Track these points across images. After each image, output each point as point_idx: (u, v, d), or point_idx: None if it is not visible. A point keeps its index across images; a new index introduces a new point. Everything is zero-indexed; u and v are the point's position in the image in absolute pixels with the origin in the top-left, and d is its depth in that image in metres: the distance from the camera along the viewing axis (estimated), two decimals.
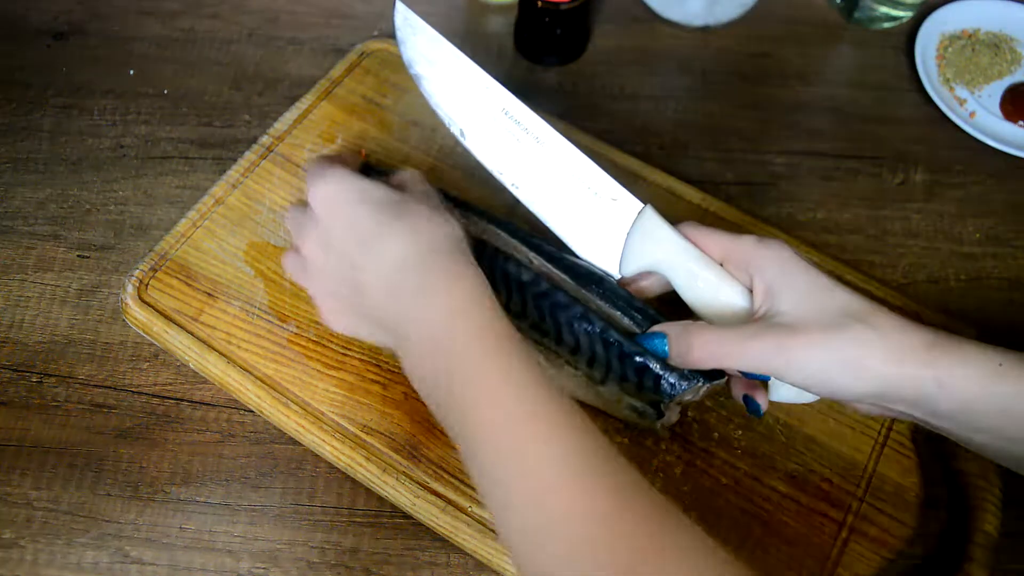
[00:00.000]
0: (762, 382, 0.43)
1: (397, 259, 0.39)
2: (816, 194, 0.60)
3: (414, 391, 0.47)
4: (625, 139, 0.61)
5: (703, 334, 0.40)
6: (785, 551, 0.44)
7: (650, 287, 0.46)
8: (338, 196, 0.42)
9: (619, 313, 0.45)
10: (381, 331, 0.41)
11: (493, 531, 0.44)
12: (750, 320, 0.41)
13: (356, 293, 0.41)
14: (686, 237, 0.43)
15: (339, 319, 0.43)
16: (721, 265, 0.43)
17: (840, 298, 0.39)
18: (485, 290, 0.38)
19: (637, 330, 0.44)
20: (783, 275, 0.40)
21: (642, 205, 0.45)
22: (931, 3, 0.69)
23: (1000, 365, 0.36)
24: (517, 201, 0.48)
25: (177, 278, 0.51)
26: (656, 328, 0.43)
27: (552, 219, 0.47)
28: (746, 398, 0.43)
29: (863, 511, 0.45)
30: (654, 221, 0.44)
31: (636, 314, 0.45)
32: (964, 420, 0.37)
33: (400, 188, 0.43)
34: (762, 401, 0.43)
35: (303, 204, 0.44)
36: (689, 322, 0.42)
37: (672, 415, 0.45)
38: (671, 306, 0.45)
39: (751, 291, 0.42)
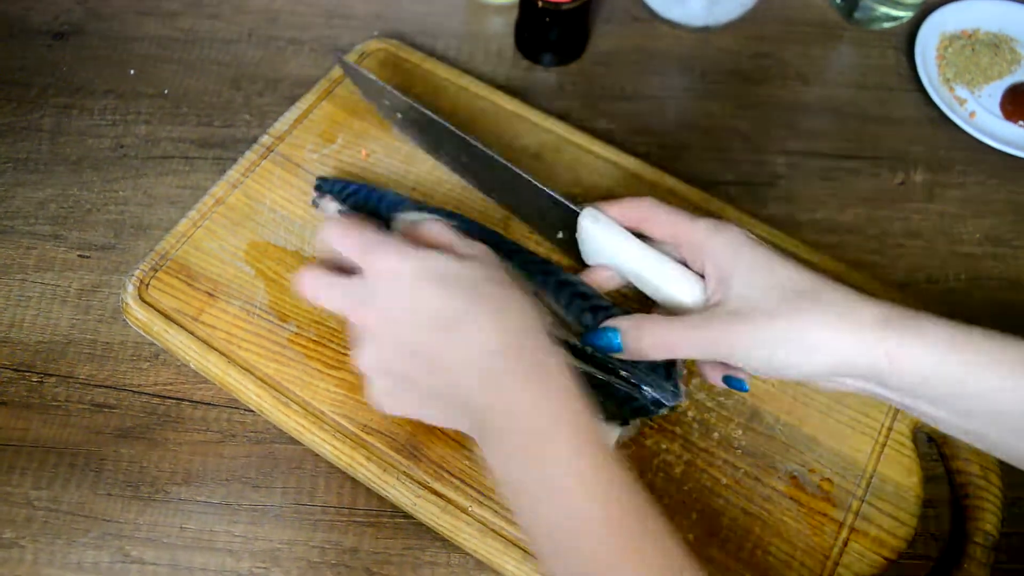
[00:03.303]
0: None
1: (486, 345, 0.37)
2: (816, 194, 0.60)
3: None
4: (626, 139, 0.61)
5: (654, 326, 0.41)
6: (785, 551, 0.44)
7: (609, 280, 0.46)
8: (407, 274, 0.39)
9: (575, 313, 0.45)
10: (454, 414, 0.39)
11: (493, 531, 0.44)
12: (704, 309, 0.41)
13: (429, 375, 0.38)
14: (633, 232, 0.44)
15: (395, 400, 0.41)
16: (674, 248, 0.44)
17: (787, 277, 0.38)
18: (578, 390, 0.37)
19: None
20: (734, 260, 0.40)
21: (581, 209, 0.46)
22: (931, 3, 0.69)
23: (953, 338, 0.36)
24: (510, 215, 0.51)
25: (178, 278, 0.51)
26: (608, 323, 0.43)
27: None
28: (726, 379, 0.43)
29: (863, 511, 0.45)
30: (596, 223, 0.45)
31: (591, 312, 0.44)
32: (919, 394, 0.37)
33: (461, 255, 0.41)
34: (743, 376, 0.42)
35: (338, 263, 0.42)
36: (641, 315, 0.42)
37: (632, 430, 0.46)
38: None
39: (704, 277, 0.42)
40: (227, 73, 0.64)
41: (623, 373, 0.43)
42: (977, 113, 0.64)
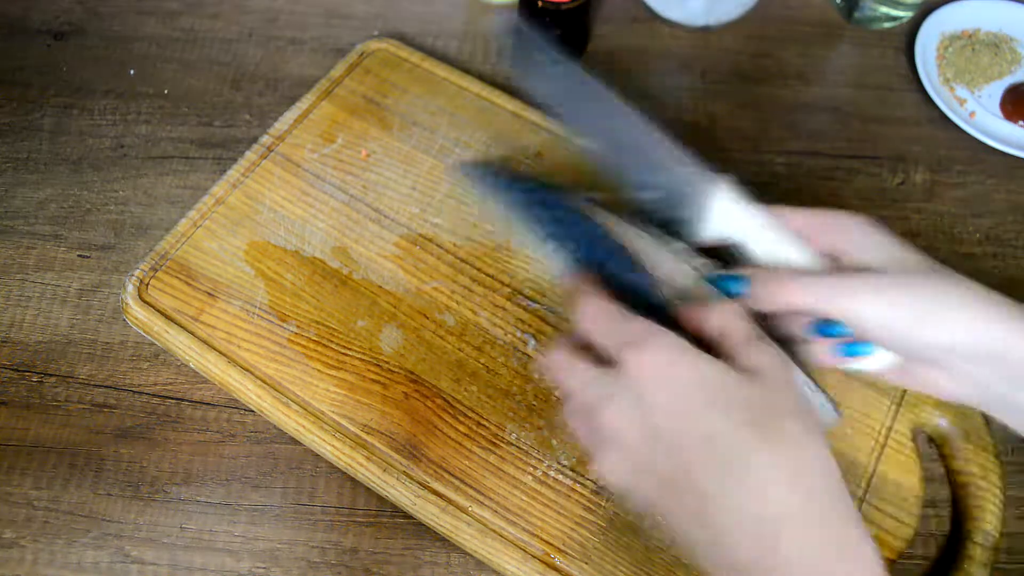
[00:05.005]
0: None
1: (774, 505, 0.30)
2: (816, 194, 0.60)
3: (415, 391, 0.47)
4: None
5: (783, 271, 0.39)
6: None
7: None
8: (681, 381, 0.32)
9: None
10: (711, 554, 0.32)
11: (493, 531, 0.44)
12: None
13: (692, 517, 0.32)
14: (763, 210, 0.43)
15: (634, 488, 0.33)
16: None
17: (916, 259, 0.38)
18: (883, 568, 0.31)
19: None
20: (863, 237, 0.39)
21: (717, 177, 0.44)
22: (931, 3, 0.69)
23: None
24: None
25: (177, 278, 0.51)
26: (738, 271, 0.40)
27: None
28: (850, 347, 0.40)
29: (863, 511, 0.45)
30: (733, 196, 0.44)
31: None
32: None
33: (746, 368, 0.33)
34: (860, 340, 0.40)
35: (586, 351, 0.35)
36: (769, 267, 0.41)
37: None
38: None
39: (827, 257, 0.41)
40: (227, 73, 0.64)
41: None
42: (977, 113, 0.64)
